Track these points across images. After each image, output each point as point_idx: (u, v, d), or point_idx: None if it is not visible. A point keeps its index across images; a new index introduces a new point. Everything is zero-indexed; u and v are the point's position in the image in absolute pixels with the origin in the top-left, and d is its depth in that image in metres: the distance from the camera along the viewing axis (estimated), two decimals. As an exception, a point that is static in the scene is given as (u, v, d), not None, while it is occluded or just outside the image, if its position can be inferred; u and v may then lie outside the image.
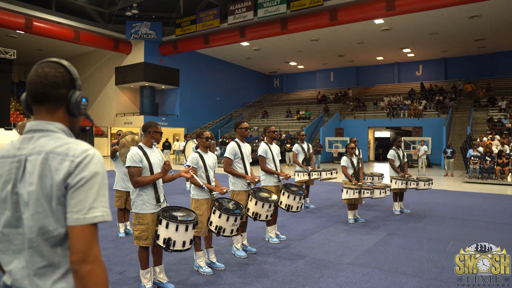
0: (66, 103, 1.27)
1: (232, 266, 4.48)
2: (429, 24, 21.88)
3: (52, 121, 1.26)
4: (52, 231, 1.16)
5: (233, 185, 4.94)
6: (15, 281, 1.19)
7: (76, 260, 1.12)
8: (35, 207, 1.16)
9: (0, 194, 1.21)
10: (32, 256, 1.17)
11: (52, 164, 1.16)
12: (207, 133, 4.44)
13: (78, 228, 1.13)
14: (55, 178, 1.15)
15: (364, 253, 5.08)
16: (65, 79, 1.27)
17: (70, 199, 1.14)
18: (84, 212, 1.14)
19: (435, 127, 22.25)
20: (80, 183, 1.15)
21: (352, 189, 6.68)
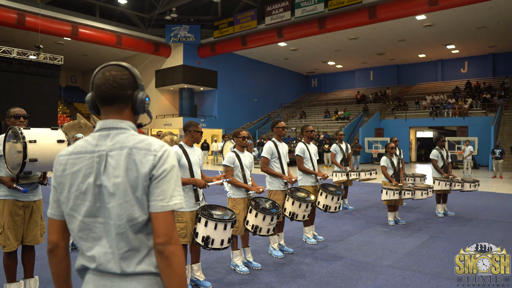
0: (132, 102, 1.39)
1: (269, 266, 4.47)
2: (476, 18, 20.86)
3: (123, 119, 1.37)
4: (137, 218, 1.28)
5: (270, 184, 4.92)
6: (99, 265, 1.30)
7: (161, 242, 1.25)
8: (122, 197, 1.27)
9: (81, 187, 1.31)
10: (118, 242, 1.28)
11: (137, 158, 1.29)
12: (244, 133, 4.45)
13: (162, 214, 1.27)
14: (141, 170, 1.28)
15: (405, 256, 4.90)
16: (130, 80, 1.38)
17: (154, 189, 1.28)
18: (167, 200, 1.28)
19: (482, 127, 21.18)
20: (163, 174, 1.29)
21: (392, 190, 6.49)
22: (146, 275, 1.29)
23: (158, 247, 1.25)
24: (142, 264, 1.29)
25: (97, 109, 1.40)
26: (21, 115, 3.46)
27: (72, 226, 1.34)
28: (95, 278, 1.32)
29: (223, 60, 29.29)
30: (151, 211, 1.28)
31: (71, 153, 1.36)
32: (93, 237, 1.31)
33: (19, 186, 3.19)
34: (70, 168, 1.34)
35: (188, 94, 29.45)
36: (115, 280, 1.29)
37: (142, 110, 1.41)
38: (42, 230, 3.52)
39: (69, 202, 1.33)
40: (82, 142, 1.37)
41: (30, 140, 2.99)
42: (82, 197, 1.31)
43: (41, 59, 19.93)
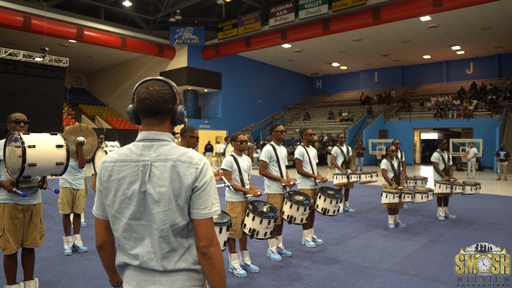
0: (172, 114, 1.53)
1: (266, 269, 4.50)
2: (481, 19, 20.76)
3: (163, 131, 1.51)
4: (178, 223, 1.44)
5: (268, 188, 4.95)
6: (142, 262, 1.45)
7: (205, 245, 1.43)
8: (167, 205, 1.42)
9: (126, 192, 1.45)
10: (161, 244, 1.43)
11: (180, 170, 1.43)
12: (242, 137, 4.48)
13: (204, 221, 1.44)
14: (184, 182, 1.43)
15: (403, 259, 4.91)
16: (171, 95, 1.51)
17: (197, 199, 1.44)
18: (209, 208, 1.45)
19: (487, 128, 21.06)
20: (204, 186, 1.45)
21: (392, 193, 6.49)
22: (183, 271, 1.46)
23: (201, 249, 1.43)
24: (180, 262, 1.45)
25: (138, 119, 1.54)
26: (21, 120, 3.53)
27: (117, 227, 1.49)
28: (137, 274, 1.47)
29: (227, 61, 29.37)
30: (195, 218, 1.45)
31: (116, 160, 1.49)
32: (136, 237, 1.46)
33: (18, 190, 3.24)
34: (116, 175, 1.47)
35: (192, 96, 29.55)
36: (156, 276, 1.45)
37: (180, 121, 1.55)
38: (41, 233, 3.57)
39: (114, 205, 1.47)
40: (125, 150, 1.50)
41: (29, 145, 3.04)
42: (128, 201, 1.45)
43: (46, 62, 20.14)
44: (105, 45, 24.76)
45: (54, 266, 4.53)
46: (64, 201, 5.06)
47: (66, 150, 3.27)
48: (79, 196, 5.18)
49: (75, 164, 5.13)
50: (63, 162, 3.25)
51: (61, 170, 3.29)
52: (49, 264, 4.62)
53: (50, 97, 20.39)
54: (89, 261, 4.72)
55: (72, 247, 5.14)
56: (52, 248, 5.26)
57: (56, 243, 5.48)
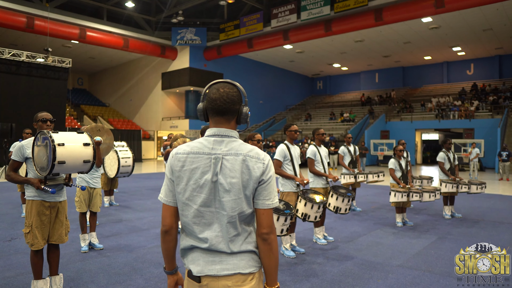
0: (238, 115, 1.68)
1: (282, 265, 4.59)
2: (482, 20, 20.90)
3: (231, 129, 1.67)
4: (245, 211, 1.61)
5: (282, 186, 5.05)
6: (211, 245, 1.60)
7: (267, 232, 1.60)
8: (237, 194, 1.58)
9: (198, 181, 1.61)
10: (229, 228, 1.59)
11: (249, 164, 1.59)
12: (259, 136, 4.58)
13: (268, 210, 1.62)
14: (253, 175, 1.59)
15: (414, 256, 5.01)
16: (239, 97, 1.67)
17: (263, 191, 1.62)
18: (272, 199, 1.64)
19: (489, 129, 21.20)
20: (269, 179, 1.63)
21: (400, 192, 6.59)
22: (247, 253, 1.63)
23: (263, 235, 1.60)
24: (244, 244, 1.62)
25: (207, 117, 1.71)
26: (48, 119, 3.62)
27: (187, 213, 1.64)
28: (205, 255, 1.62)
29: (229, 62, 29.48)
30: (259, 207, 1.62)
31: (189, 152, 1.65)
32: (204, 223, 1.62)
33: (47, 187, 3.34)
34: (189, 165, 1.63)
35: (194, 97, 29.65)
36: (223, 257, 1.61)
37: (245, 121, 1.71)
38: (67, 229, 3.67)
39: (185, 193, 1.63)
40: (197, 144, 1.66)
41: (59, 143, 3.14)
42: (199, 190, 1.61)
43: (49, 62, 20.21)
44: (107, 46, 24.86)
45: (73, 263, 4.62)
46: (81, 199, 5.15)
47: (93, 148, 3.37)
48: (96, 195, 5.27)
49: None
50: (90, 160, 3.35)
51: (88, 168, 3.39)
52: (68, 261, 4.71)
53: (53, 98, 20.45)
54: (107, 258, 4.82)
55: (88, 245, 5.23)
56: (69, 246, 5.34)
57: (72, 241, 5.57)
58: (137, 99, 31.56)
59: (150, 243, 5.59)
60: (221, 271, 1.59)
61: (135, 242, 5.67)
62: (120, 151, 8.19)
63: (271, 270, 1.63)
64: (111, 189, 8.77)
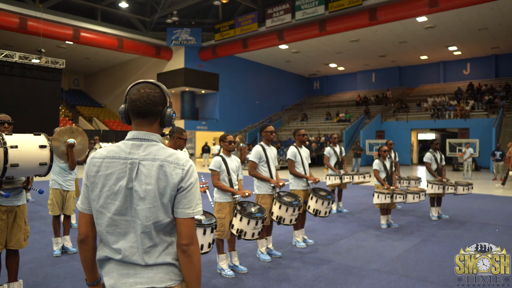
0: (161, 117, 1.58)
1: (255, 270, 4.48)
2: (477, 19, 20.79)
3: (152, 132, 1.57)
4: (161, 220, 1.49)
5: (257, 188, 4.93)
6: (125, 257, 1.49)
7: (186, 243, 1.49)
8: (152, 202, 1.47)
9: (113, 188, 1.50)
10: (143, 239, 1.48)
11: (167, 170, 1.49)
12: (230, 137, 4.48)
13: (187, 220, 1.51)
14: (170, 181, 1.48)
15: (393, 259, 4.90)
16: (161, 98, 1.57)
17: (182, 199, 1.50)
18: (193, 208, 1.52)
19: (484, 128, 21.09)
20: (190, 186, 1.51)
21: (383, 194, 6.48)
22: (163, 265, 1.51)
23: (182, 247, 1.49)
24: (162, 256, 1.50)
25: (129, 119, 1.60)
26: (5, 121, 3.51)
27: (101, 221, 1.53)
28: (119, 267, 1.51)
29: (225, 63, 29.37)
30: (178, 217, 1.50)
31: (105, 157, 1.54)
32: (119, 232, 1.51)
33: (1, 191, 3.23)
34: (104, 170, 1.52)
35: (190, 97, 29.54)
36: (137, 269, 1.50)
37: (169, 124, 1.61)
38: (25, 234, 3.55)
39: (100, 200, 1.52)
40: (115, 148, 1.55)
41: (12, 146, 3.03)
42: (113, 197, 1.50)
43: (43, 63, 20.10)
44: (101, 46, 24.73)
45: (43, 268, 4.51)
46: (53, 202, 5.04)
47: (50, 151, 3.25)
48: (69, 198, 5.16)
49: (66, 165, 5.10)
50: (47, 163, 3.23)
51: (45, 171, 3.27)
52: (38, 265, 4.60)
53: (47, 99, 20.33)
54: (78, 263, 4.70)
55: (61, 249, 5.12)
56: (42, 250, 5.24)
57: (46, 245, 5.46)
58: (133, 100, 31.40)
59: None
60: (134, 285, 1.49)
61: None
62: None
63: (192, 284, 1.52)
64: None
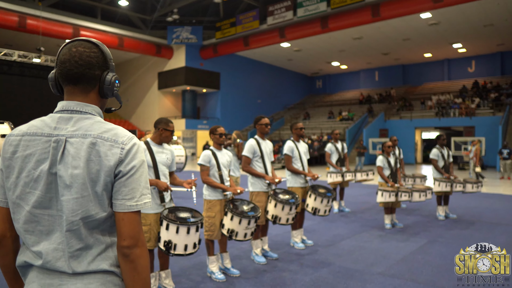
0: (100, 84, 1.26)
1: (249, 273, 4.14)
2: (483, 15, 20.34)
3: (88, 103, 1.24)
4: (94, 215, 1.16)
5: (252, 185, 4.59)
6: (46, 262, 1.16)
7: (127, 245, 1.15)
8: (80, 191, 1.14)
9: (32, 173, 1.17)
10: (70, 239, 1.15)
11: (101, 149, 1.15)
12: (221, 129, 4.14)
13: (129, 214, 1.17)
14: (105, 164, 1.15)
15: (398, 262, 4.54)
16: (99, 59, 1.25)
17: (122, 187, 1.16)
18: (136, 200, 1.18)
19: (490, 126, 20.64)
20: (132, 171, 1.17)
21: (388, 192, 6.12)
22: (98, 274, 1.18)
23: (123, 250, 1.16)
24: (95, 262, 1.17)
25: (61, 89, 1.28)
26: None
27: (17, 217, 1.19)
28: (41, 276, 1.18)
29: (226, 61, 29.05)
30: (117, 211, 1.17)
31: (24, 133, 1.21)
32: (41, 231, 1.18)
33: None
34: (22, 151, 1.19)
35: (191, 96, 29.24)
36: (64, 279, 1.16)
37: (111, 93, 1.29)
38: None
39: (16, 189, 1.18)
40: (38, 122, 1.22)
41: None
42: (33, 185, 1.17)
43: (42, 62, 19.85)
44: (102, 45, 24.46)
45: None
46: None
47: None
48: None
49: None
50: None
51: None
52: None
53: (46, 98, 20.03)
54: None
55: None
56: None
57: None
58: (134, 99, 31.17)
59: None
60: None
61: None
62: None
63: None
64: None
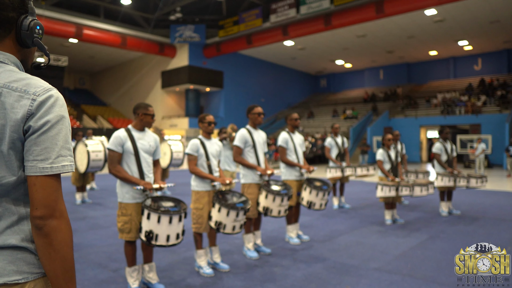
0: (16, 29, 1.09)
1: (239, 268, 3.96)
2: (489, 11, 19.99)
3: (2, 51, 1.07)
4: (0, 179, 1.00)
5: (243, 177, 4.41)
6: None
7: (40, 215, 0.99)
8: None
9: None
10: None
11: (7, 100, 0.99)
12: (210, 117, 3.96)
13: (42, 179, 1.00)
14: (10, 117, 0.99)
15: (397, 258, 4.34)
16: (15, 1, 1.07)
17: (33, 146, 1.00)
18: (51, 161, 1.01)
19: (496, 124, 20.29)
20: (45, 127, 1.01)
21: (388, 186, 5.91)
22: (7, 250, 1.02)
23: (35, 221, 0.99)
24: (2, 236, 1.02)
25: None
26: None
27: None
28: None
29: (229, 60, 28.89)
30: (28, 174, 1.01)
31: None
32: None
33: None
34: None
35: (194, 95, 29.13)
36: None
37: (30, 41, 1.10)
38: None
39: None
40: None
41: None
42: None
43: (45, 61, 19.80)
44: (105, 43, 24.40)
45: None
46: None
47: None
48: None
49: None
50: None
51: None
52: None
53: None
54: None
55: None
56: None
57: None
58: (138, 98, 31.11)
59: (103, 242, 4.99)
60: None
61: (88, 240, 5.09)
62: (91, 145, 7.64)
63: (57, 279, 1.01)
64: (83, 185, 8.23)
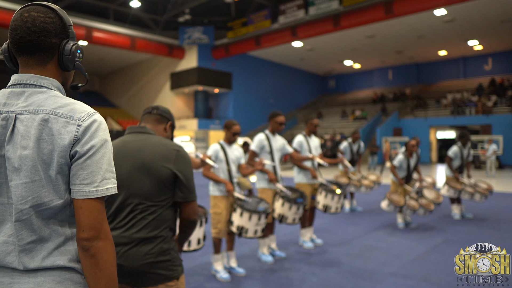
0: (58, 54, 1.11)
1: (255, 272, 4.02)
2: (499, 10, 19.80)
3: (45, 76, 1.09)
4: (48, 202, 1.03)
5: (258, 181, 4.48)
6: None
7: (87, 237, 1.03)
8: (29, 175, 1.01)
9: None
10: (20, 230, 1.02)
11: (54, 127, 1.02)
12: (236, 128, 3.94)
13: (88, 202, 1.03)
14: (58, 143, 1.02)
15: (412, 262, 4.37)
16: (56, 25, 1.10)
17: (80, 170, 1.03)
18: (97, 185, 1.04)
19: (507, 125, 20.13)
20: (91, 151, 1.04)
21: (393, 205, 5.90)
22: (55, 271, 1.04)
23: (82, 242, 1.03)
24: (51, 258, 1.04)
25: (16, 61, 1.13)
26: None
27: None
28: None
29: (238, 61, 28.98)
30: (75, 197, 1.03)
31: None
32: None
33: None
34: None
35: (203, 97, 29.26)
36: (15, 277, 1.02)
37: (72, 65, 1.13)
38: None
39: None
40: None
41: None
42: None
43: (82, 83, 20.05)
44: (114, 46, 24.64)
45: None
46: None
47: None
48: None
49: None
50: None
51: None
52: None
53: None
54: None
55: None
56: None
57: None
58: (147, 100, 31.36)
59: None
60: None
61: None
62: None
63: None
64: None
